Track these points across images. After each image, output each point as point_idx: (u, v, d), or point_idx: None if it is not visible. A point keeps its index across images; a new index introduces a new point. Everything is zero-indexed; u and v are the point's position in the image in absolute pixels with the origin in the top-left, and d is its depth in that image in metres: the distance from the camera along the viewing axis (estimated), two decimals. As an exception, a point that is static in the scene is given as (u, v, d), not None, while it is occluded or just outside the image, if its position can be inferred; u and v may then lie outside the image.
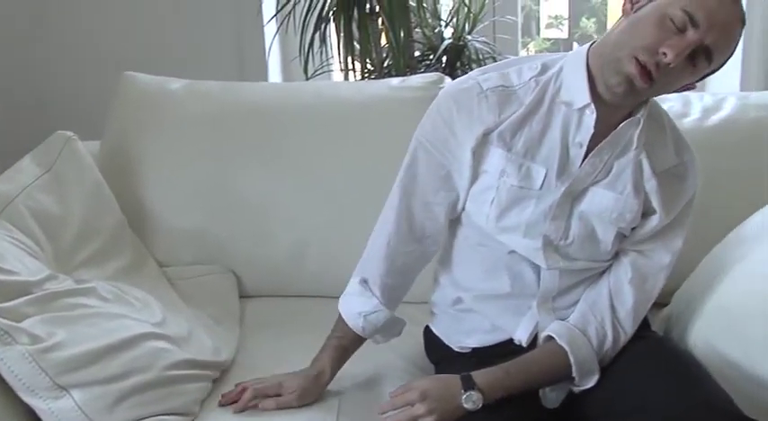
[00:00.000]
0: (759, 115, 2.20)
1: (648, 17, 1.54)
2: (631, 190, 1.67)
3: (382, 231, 1.79)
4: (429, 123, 1.73)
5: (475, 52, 3.07)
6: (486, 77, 1.69)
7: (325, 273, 2.21)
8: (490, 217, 1.69)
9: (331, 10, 2.87)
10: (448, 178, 1.72)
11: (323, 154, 2.23)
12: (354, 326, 1.80)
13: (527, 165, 1.65)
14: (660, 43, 1.52)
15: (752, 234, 1.83)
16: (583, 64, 1.63)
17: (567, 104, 1.64)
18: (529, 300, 1.75)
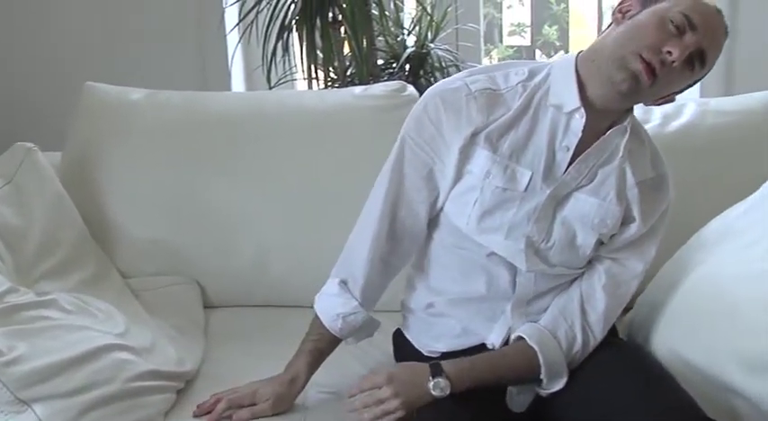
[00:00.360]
0: (718, 121, 2.23)
1: (648, 20, 1.59)
2: (614, 197, 1.68)
3: (364, 231, 1.78)
4: (414, 122, 1.73)
5: (438, 60, 3.08)
6: (473, 79, 1.70)
7: (289, 281, 2.21)
8: (472, 218, 1.69)
9: (293, 19, 2.86)
10: (431, 177, 1.72)
11: (286, 162, 2.22)
12: (332, 327, 1.79)
13: (512, 167, 1.66)
14: (663, 43, 1.56)
15: (712, 238, 1.85)
16: (572, 69, 1.66)
17: (557, 107, 1.66)
18: (503, 304, 1.75)
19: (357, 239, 1.80)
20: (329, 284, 1.83)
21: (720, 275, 1.72)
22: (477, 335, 1.78)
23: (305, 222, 2.19)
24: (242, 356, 2.00)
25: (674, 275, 1.83)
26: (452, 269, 1.78)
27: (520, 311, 1.75)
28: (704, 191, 2.07)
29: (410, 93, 2.31)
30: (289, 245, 2.20)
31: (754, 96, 2.29)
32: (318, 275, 2.14)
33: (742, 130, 2.22)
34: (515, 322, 1.74)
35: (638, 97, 1.63)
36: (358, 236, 1.80)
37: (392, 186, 1.75)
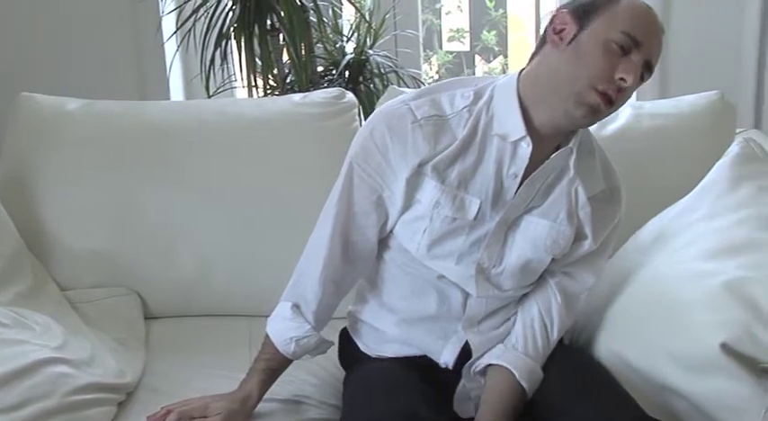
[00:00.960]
0: (653, 124, 2.26)
1: (593, 49, 1.55)
2: (565, 217, 1.68)
3: (315, 255, 1.75)
4: (361, 149, 1.68)
5: (377, 66, 3.09)
6: (418, 104, 1.65)
7: (231, 290, 2.20)
8: (421, 245, 1.68)
9: (231, 27, 2.85)
10: (380, 203, 1.69)
11: (226, 171, 2.21)
12: (285, 351, 1.76)
13: (461, 196, 1.64)
14: (613, 70, 1.54)
15: (648, 240, 1.88)
16: (514, 95, 1.63)
17: (502, 137, 1.63)
18: (454, 323, 1.76)
19: (308, 263, 1.77)
20: (281, 307, 1.79)
21: (656, 277, 1.75)
22: (430, 353, 1.78)
23: (246, 231, 2.18)
24: (183, 367, 1.98)
25: (613, 278, 1.85)
26: (404, 287, 1.78)
27: (472, 330, 1.76)
28: (641, 193, 2.08)
29: (349, 99, 2.32)
30: (230, 254, 2.19)
31: (687, 99, 2.33)
32: (260, 284, 2.15)
33: (677, 133, 2.26)
34: (471, 337, 1.75)
35: (594, 122, 1.63)
36: (309, 260, 1.77)
37: (341, 211, 1.71)
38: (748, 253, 1.65)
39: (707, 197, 1.84)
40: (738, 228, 1.72)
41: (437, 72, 4.53)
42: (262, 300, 2.16)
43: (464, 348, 1.76)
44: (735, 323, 1.54)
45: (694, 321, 1.60)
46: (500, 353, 1.73)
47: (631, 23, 1.55)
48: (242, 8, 2.83)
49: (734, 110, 2.33)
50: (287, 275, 2.11)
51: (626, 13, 1.56)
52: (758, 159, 1.86)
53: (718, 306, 1.58)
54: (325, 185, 1.74)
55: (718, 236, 1.73)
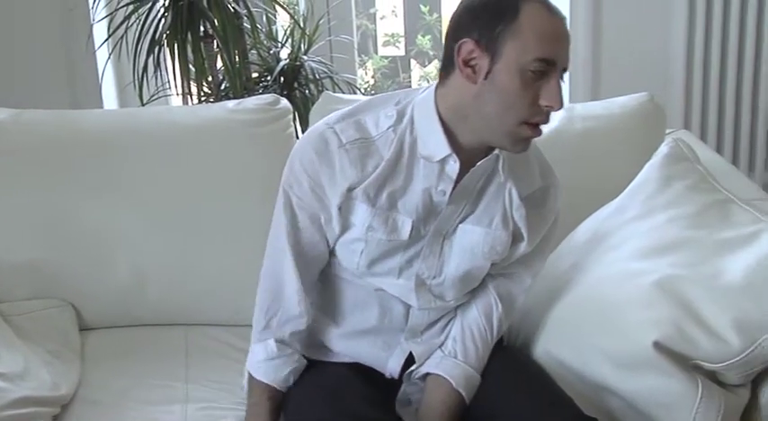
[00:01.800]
0: (585, 126, 2.28)
1: (511, 84, 1.51)
2: (500, 222, 1.68)
3: (286, 287, 1.71)
4: (293, 175, 1.67)
5: (311, 72, 3.08)
6: (343, 127, 1.64)
7: (167, 300, 2.17)
8: (361, 265, 1.69)
9: (164, 34, 2.83)
10: (323, 224, 1.68)
11: (160, 179, 2.19)
12: (285, 385, 1.72)
13: (393, 216, 1.64)
14: (538, 98, 1.52)
15: (582, 241, 1.90)
16: (434, 114, 1.60)
17: (427, 158, 1.62)
18: (397, 335, 1.76)
19: (281, 295, 1.72)
20: (267, 347, 1.72)
21: (590, 277, 1.78)
22: (374, 365, 1.78)
23: (181, 239, 2.16)
24: (120, 377, 1.96)
25: (549, 280, 1.87)
26: (346, 299, 1.77)
27: (415, 340, 1.76)
28: (575, 195, 2.09)
29: (283, 105, 2.31)
30: (165, 262, 2.16)
31: (617, 101, 2.35)
32: (196, 292, 2.14)
33: (608, 134, 2.28)
34: (414, 347, 1.75)
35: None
36: (281, 292, 1.71)
37: (294, 240, 1.69)
38: (679, 251, 1.68)
39: (638, 197, 1.87)
40: (669, 227, 1.75)
41: (373, 77, 4.54)
42: (198, 309, 2.16)
43: (408, 356, 1.76)
44: (667, 321, 1.57)
45: (627, 320, 1.62)
46: (438, 361, 1.73)
47: (542, 47, 1.50)
48: (174, 15, 2.81)
49: (663, 111, 2.36)
50: (223, 282, 2.11)
51: (533, 36, 1.50)
52: (687, 159, 1.90)
53: (650, 304, 1.61)
54: (260, 191, 1.74)
55: (649, 235, 1.76)
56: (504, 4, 1.51)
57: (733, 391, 1.58)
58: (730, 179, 2.02)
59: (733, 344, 1.52)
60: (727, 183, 1.86)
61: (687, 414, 1.55)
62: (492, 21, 1.51)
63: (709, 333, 1.54)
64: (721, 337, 1.53)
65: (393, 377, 1.77)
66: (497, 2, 1.52)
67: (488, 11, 1.52)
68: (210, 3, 2.81)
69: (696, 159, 1.90)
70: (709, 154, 2.35)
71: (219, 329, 2.14)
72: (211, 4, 2.81)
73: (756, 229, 1.68)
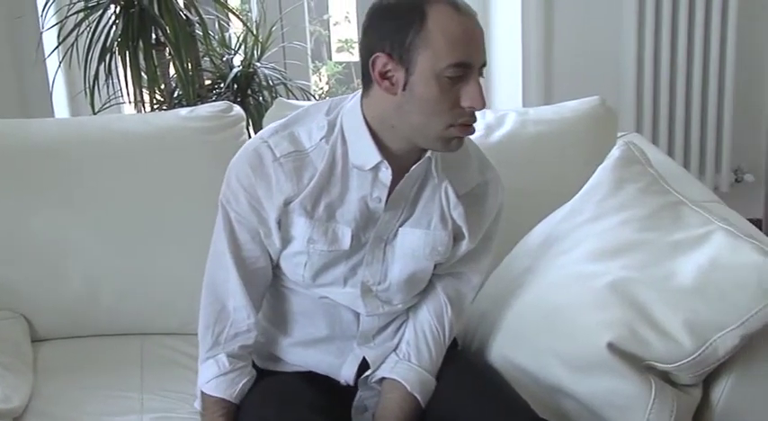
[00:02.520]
0: (537, 130, 2.29)
1: (430, 91, 1.51)
2: (438, 222, 1.69)
3: (230, 303, 1.70)
4: (230, 191, 1.67)
5: (265, 79, 3.07)
6: (276, 141, 1.64)
7: (120, 309, 2.15)
8: (306, 277, 1.68)
9: (115, 41, 2.81)
10: (263, 239, 1.68)
11: (112, 189, 2.17)
12: (239, 398, 1.70)
13: (332, 227, 1.64)
14: (459, 101, 1.51)
15: (535, 245, 1.91)
16: (362, 123, 1.60)
17: (359, 167, 1.62)
18: (350, 341, 1.76)
19: (227, 310, 1.70)
20: (218, 363, 1.70)
21: (542, 281, 1.79)
22: (329, 374, 1.78)
23: (134, 248, 2.14)
24: (74, 389, 1.94)
25: (502, 283, 1.88)
26: (295, 310, 1.77)
27: (368, 345, 1.76)
28: (528, 198, 2.12)
29: (236, 113, 2.30)
30: (118, 272, 2.14)
31: (569, 105, 2.37)
32: (150, 301, 2.13)
33: (560, 138, 2.30)
34: (368, 353, 1.75)
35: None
36: (226, 307, 1.70)
37: (234, 253, 1.68)
38: (631, 253, 1.70)
39: (591, 200, 1.88)
40: (621, 229, 1.77)
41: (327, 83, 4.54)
42: (152, 318, 2.15)
43: (363, 362, 1.76)
44: (620, 323, 1.59)
45: (581, 322, 1.64)
46: (392, 365, 1.74)
47: (454, 52, 1.49)
48: (125, 22, 2.79)
49: (615, 114, 2.39)
50: (177, 292, 2.09)
51: (444, 42, 1.48)
52: (638, 162, 1.91)
53: (603, 306, 1.62)
54: (213, 199, 1.72)
55: (602, 238, 1.77)
56: (411, 10, 1.49)
57: (685, 391, 1.60)
58: (681, 182, 2.05)
59: (685, 345, 1.54)
60: (678, 186, 1.88)
61: (641, 414, 1.56)
62: (401, 31, 1.49)
63: (661, 334, 1.55)
64: (673, 338, 1.54)
65: (348, 384, 1.76)
66: (404, 9, 1.50)
67: (396, 20, 1.50)
68: (162, 10, 2.79)
69: (647, 162, 1.92)
70: (660, 157, 2.38)
71: (174, 338, 2.13)
72: (163, 11, 2.79)
73: (707, 231, 1.70)
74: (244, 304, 1.69)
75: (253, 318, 1.70)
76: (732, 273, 1.58)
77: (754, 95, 3.63)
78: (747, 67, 3.62)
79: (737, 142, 3.70)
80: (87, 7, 2.84)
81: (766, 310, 1.52)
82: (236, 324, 1.70)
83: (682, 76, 3.56)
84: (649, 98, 3.58)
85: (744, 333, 1.52)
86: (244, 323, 1.70)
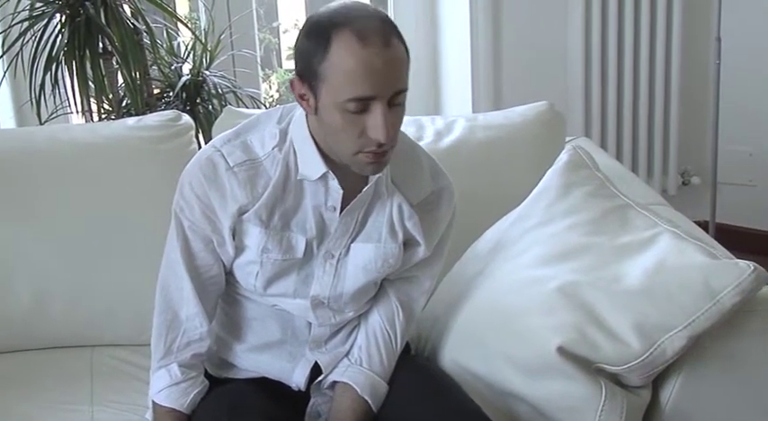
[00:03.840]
0: (486, 135, 2.31)
1: (336, 121, 1.50)
2: (387, 235, 1.69)
3: (183, 311, 1.69)
4: (183, 200, 1.66)
5: (214, 87, 3.06)
6: (230, 150, 1.63)
7: (70, 321, 2.13)
8: (257, 286, 1.69)
9: (61, 50, 2.78)
10: (215, 248, 1.68)
11: (59, 199, 2.15)
12: (191, 408, 1.69)
13: (287, 236, 1.65)
14: (364, 130, 1.49)
15: (486, 250, 1.92)
16: (307, 135, 1.61)
17: (306, 178, 1.62)
18: (302, 346, 1.76)
19: (178, 319, 1.70)
20: (170, 372, 1.69)
21: (494, 285, 1.79)
22: (280, 379, 1.77)
23: (82, 259, 2.12)
24: (23, 402, 1.92)
25: (453, 289, 1.89)
26: (247, 315, 1.77)
27: (320, 350, 1.76)
28: (478, 204, 2.13)
29: (185, 121, 2.29)
30: (67, 283, 2.12)
31: (518, 110, 2.39)
32: (100, 312, 2.11)
33: (509, 143, 2.31)
34: (320, 357, 1.75)
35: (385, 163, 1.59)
36: (178, 317, 1.70)
37: (188, 262, 1.68)
38: (579, 257, 1.71)
39: (540, 204, 1.89)
40: (570, 233, 1.78)
41: (277, 90, 4.52)
42: (102, 329, 2.13)
43: (315, 367, 1.76)
44: (569, 326, 1.60)
45: (531, 326, 1.65)
46: (344, 369, 1.74)
47: (353, 88, 1.46)
48: (71, 31, 2.76)
49: (563, 119, 2.40)
50: (126, 302, 2.08)
51: (343, 77, 1.45)
52: (586, 166, 1.93)
53: (553, 310, 1.63)
54: (162, 209, 1.72)
55: (550, 242, 1.79)
56: (319, 35, 1.47)
57: (635, 393, 1.61)
58: (628, 185, 2.07)
59: (633, 347, 1.55)
60: (625, 189, 1.90)
61: (591, 416, 1.57)
62: (309, 59, 1.48)
63: (610, 336, 1.57)
64: (622, 340, 1.56)
65: (300, 389, 1.76)
66: (314, 33, 1.48)
67: (308, 44, 1.49)
68: (108, 19, 2.77)
69: (595, 166, 1.94)
70: (608, 160, 2.40)
71: (124, 349, 2.11)
72: (109, 20, 2.76)
73: (654, 234, 1.72)
74: (197, 312, 1.69)
75: (206, 327, 1.70)
76: (678, 274, 1.60)
77: (700, 100, 3.68)
78: (693, 72, 3.68)
79: (684, 145, 3.75)
80: (32, 16, 2.80)
81: (712, 311, 1.54)
82: (189, 332, 1.69)
83: (629, 82, 3.61)
84: (597, 103, 3.62)
85: (691, 334, 1.54)
86: (196, 331, 1.69)
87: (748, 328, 1.62)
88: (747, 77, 3.61)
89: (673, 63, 3.60)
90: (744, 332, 1.61)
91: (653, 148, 3.72)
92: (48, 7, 2.80)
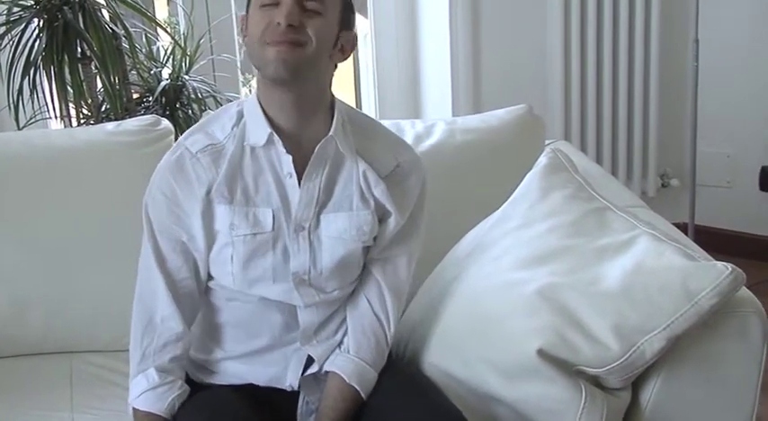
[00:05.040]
0: (465, 139, 2.31)
1: (252, 15, 1.62)
2: (359, 202, 1.71)
3: (158, 313, 1.70)
4: (151, 200, 1.70)
5: (194, 91, 3.05)
6: (192, 141, 1.70)
7: (48, 328, 2.12)
8: (235, 274, 1.68)
9: (39, 55, 2.76)
10: (185, 249, 1.69)
11: (38, 204, 2.14)
12: (170, 413, 1.68)
13: (252, 210, 1.67)
14: (272, 19, 1.58)
15: (465, 253, 1.92)
16: (257, 104, 1.68)
17: (255, 145, 1.67)
18: (291, 345, 1.76)
19: (153, 323, 1.70)
20: (147, 377, 1.68)
21: (473, 289, 1.80)
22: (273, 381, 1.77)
23: (62, 265, 2.11)
24: (2, 410, 1.91)
25: (433, 292, 1.89)
26: (233, 324, 1.77)
27: (310, 343, 1.76)
28: (458, 207, 2.15)
29: (164, 126, 2.28)
30: (45, 289, 2.11)
31: (497, 113, 2.40)
32: (78, 319, 2.10)
33: (489, 146, 2.32)
34: (313, 350, 1.75)
35: (308, 71, 1.63)
36: (153, 321, 1.70)
37: (161, 267, 1.70)
38: (558, 259, 1.72)
39: (519, 207, 1.90)
40: (549, 236, 1.79)
41: (257, 95, 4.54)
42: (81, 336, 2.12)
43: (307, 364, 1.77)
44: (549, 328, 1.60)
45: (510, 329, 1.65)
46: (333, 358, 1.75)
47: None
48: (49, 36, 2.74)
49: (542, 122, 2.41)
50: (106, 308, 2.07)
51: None
52: (565, 169, 1.94)
53: (533, 313, 1.63)
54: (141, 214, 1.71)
55: (530, 244, 1.79)
56: None
57: (615, 395, 1.61)
58: (608, 187, 2.07)
59: (613, 349, 1.55)
60: (604, 192, 1.90)
61: (572, 419, 1.57)
62: None
63: (589, 339, 1.57)
64: (602, 342, 1.56)
65: (293, 388, 1.76)
66: None
67: None
68: (87, 23, 2.76)
69: (574, 169, 1.94)
70: (587, 163, 2.41)
71: (104, 355, 2.10)
72: (88, 24, 2.75)
73: (632, 236, 1.72)
74: (171, 313, 1.69)
75: (182, 327, 1.70)
76: (657, 276, 1.60)
77: (679, 102, 3.70)
78: (671, 75, 3.70)
79: (663, 148, 3.77)
80: (10, 21, 2.79)
81: (691, 313, 1.54)
82: (165, 334, 1.69)
83: (608, 85, 3.63)
84: (576, 106, 3.64)
85: (670, 335, 1.55)
86: (172, 332, 1.69)
87: (726, 330, 1.62)
88: (725, 80, 3.64)
89: (651, 65, 3.62)
90: (721, 333, 1.62)
91: (632, 151, 3.74)
92: (25, 12, 2.78)
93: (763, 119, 3.64)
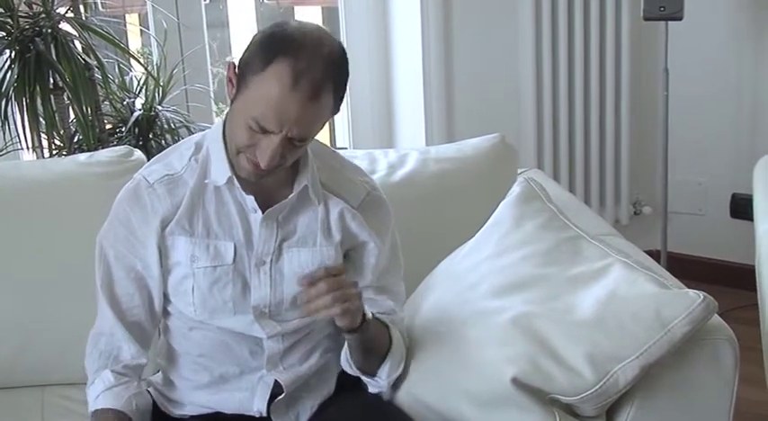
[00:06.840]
0: (439, 168, 2.31)
1: (238, 119, 1.55)
2: (323, 239, 1.71)
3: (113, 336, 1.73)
4: (109, 228, 1.73)
5: (167, 122, 3.04)
6: (150, 171, 1.71)
7: (20, 361, 2.09)
8: (196, 304, 1.68)
9: (11, 86, 2.75)
10: (140, 277, 1.70)
11: (9, 237, 2.11)
12: (130, 409, 1.69)
13: (213, 243, 1.67)
14: (253, 146, 1.55)
15: (439, 282, 1.93)
16: (220, 141, 1.65)
17: (214, 183, 1.66)
18: (258, 371, 1.75)
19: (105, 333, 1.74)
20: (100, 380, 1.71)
21: (447, 317, 1.80)
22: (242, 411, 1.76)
23: (31, 298, 2.09)
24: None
25: (408, 322, 1.88)
26: (197, 353, 1.76)
27: (277, 369, 1.75)
28: (432, 236, 2.14)
29: (137, 157, 2.27)
30: (15, 322, 2.08)
31: (470, 142, 2.40)
32: (50, 352, 2.08)
33: (462, 175, 2.32)
34: (277, 377, 1.74)
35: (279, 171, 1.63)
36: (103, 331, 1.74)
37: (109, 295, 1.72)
38: (532, 288, 1.72)
39: (493, 236, 1.91)
40: (522, 264, 1.79)
41: (231, 125, 4.53)
42: (52, 368, 2.10)
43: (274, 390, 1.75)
44: (523, 357, 1.61)
45: (485, 358, 1.65)
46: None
47: (261, 113, 1.51)
48: (21, 67, 2.73)
49: (515, 150, 2.42)
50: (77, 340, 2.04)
51: (260, 99, 1.50)
52: (538, 198, 1.95)
53: (507, 342, 1.64)
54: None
55: (503, 273, 1.79)
56: (264, 52, 1.52)
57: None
58: (580, 215, 2.08)
59: (587, 377, 1.56)
60: (577, 220, 1.92)
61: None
62: (249, 63, 1.53)
63: (563, 367, 1.58)
64: (575, 371, 1.57)
65: (262, 414, 1.75)
66: (263, 48, 1.53)
67: (254, 53, 1.53)
68: (59, 54, 2.75)
69: (547, 197, 1.95)
70: (559, 191, 2.42)
71: (75, 388, 2.05)
72: (60, 55, 2.74)
73: (605, 264, 1.73)
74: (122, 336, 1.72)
75: (134, 348, 1.72)
76: (630, 304, 1.61)
77: (650, 130, 3.73)
78: (642, 104, 3.73)
79: (635, 176, 3.80)
80: (-19, 53, 2.78)
81: (664, 340, 1.55)
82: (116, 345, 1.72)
83: (580, 114, 3.65)
84: (549, 135, 3.65)
85: (643, 363, 1.55)
86: (124, 346, 1.72)
87: (698, 357, 1.63)
88: (695, 108, 3.67)
89: (622, 94, 3.64)
90: (694, 361, 1.63)
91: (605, 179, 3.76)
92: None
93: (734, 147, 3.68)
